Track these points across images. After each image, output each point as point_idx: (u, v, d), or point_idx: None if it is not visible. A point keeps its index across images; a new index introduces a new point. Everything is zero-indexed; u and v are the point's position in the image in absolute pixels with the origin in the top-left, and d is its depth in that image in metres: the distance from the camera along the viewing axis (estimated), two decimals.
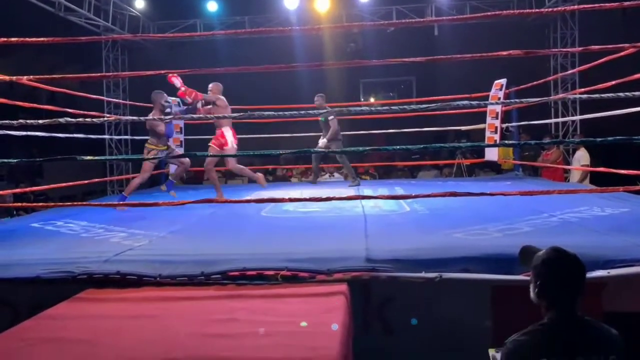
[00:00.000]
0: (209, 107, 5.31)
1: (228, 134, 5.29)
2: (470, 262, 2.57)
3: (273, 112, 5.75)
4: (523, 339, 1.59)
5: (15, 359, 1.76)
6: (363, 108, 4.36)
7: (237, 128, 7.11)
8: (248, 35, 9.01)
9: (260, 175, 5.57)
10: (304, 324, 1.84)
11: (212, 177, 5.46)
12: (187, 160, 5.53)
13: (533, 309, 1.74)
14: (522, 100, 4.80)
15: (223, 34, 8.65)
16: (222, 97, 5.38)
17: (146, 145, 5.19)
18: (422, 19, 8.23)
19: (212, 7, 9.85)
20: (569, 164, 8.02)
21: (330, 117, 6.59)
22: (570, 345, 1.54)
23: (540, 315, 1.66)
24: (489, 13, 3.77)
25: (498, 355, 1.98)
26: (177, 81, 5.10)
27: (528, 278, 2.40)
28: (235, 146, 5.29)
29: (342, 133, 6.90)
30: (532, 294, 1.69)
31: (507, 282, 2.46)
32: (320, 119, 6.78)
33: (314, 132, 7.97)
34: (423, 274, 2.48)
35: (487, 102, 6.23)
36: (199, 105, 5.24)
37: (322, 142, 6.67)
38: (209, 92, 5.40)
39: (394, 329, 2.45)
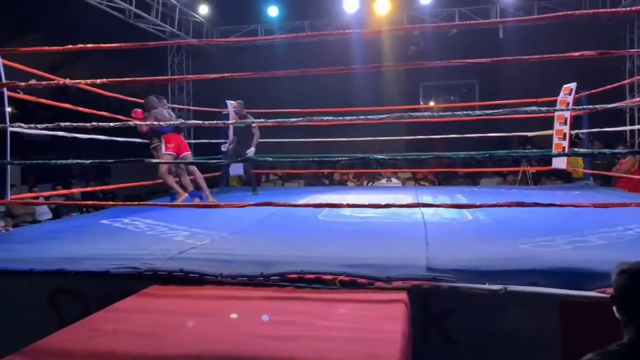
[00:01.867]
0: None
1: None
2: (537, 275, 2.45)
3: (332, 117, 5.77)
4: (598, 359, 1.49)
5: (86, 348, 1.85)
6: (424, 113, 4.26)
7: (294, 132, 7.17)
8: (308, 39, 9.11)
9: (183, 193, 5.55)
10: None
11: (168, 182, 5.52)
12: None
13: (607, 328, 1.62)
14: (595, 106, 4.55)
15: (283, 38, 8.77)
16: (156, 112, 5.40)
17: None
18: (486, 21, 7.98)
19: (273, 12, 10.07)
20: None
21: (254, 125, 6.54)
22: None
23: (617, 336, 1.55)
24: (560, 13, 3.57)
25: None
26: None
27: (601, 295, 2.27)
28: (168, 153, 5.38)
29: (401, 138, 6.76)
30: (614, 308, 1.60)
31: (578, 297, 2.32)
32: (240, 125, 6.67)
33: (370, 137, 7.93)
34: (487, 286, 2.39)
35: (556, 108, 5.93)
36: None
37: (251, 150, 6.49)
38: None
39: (455, 341, 2.37)
